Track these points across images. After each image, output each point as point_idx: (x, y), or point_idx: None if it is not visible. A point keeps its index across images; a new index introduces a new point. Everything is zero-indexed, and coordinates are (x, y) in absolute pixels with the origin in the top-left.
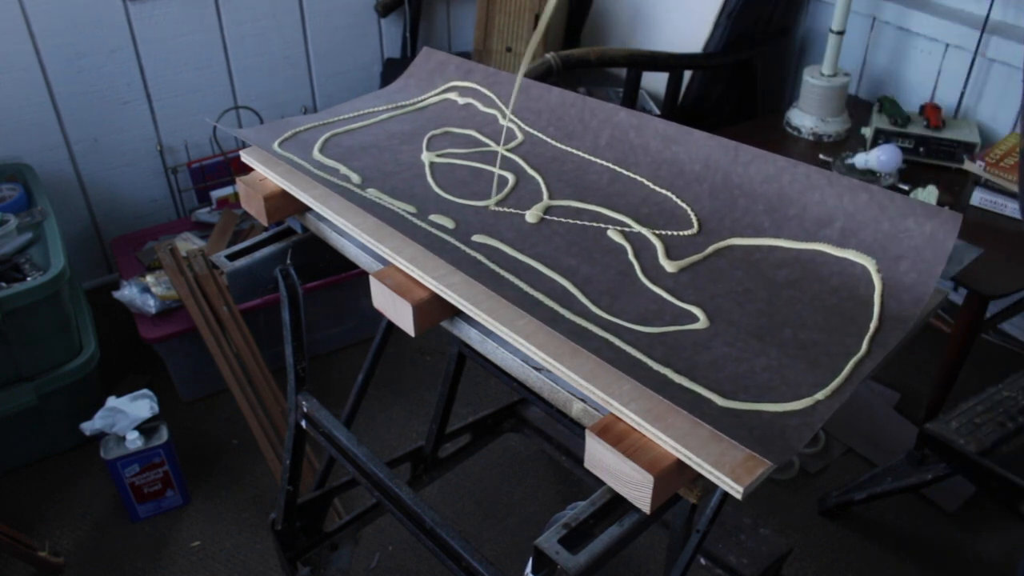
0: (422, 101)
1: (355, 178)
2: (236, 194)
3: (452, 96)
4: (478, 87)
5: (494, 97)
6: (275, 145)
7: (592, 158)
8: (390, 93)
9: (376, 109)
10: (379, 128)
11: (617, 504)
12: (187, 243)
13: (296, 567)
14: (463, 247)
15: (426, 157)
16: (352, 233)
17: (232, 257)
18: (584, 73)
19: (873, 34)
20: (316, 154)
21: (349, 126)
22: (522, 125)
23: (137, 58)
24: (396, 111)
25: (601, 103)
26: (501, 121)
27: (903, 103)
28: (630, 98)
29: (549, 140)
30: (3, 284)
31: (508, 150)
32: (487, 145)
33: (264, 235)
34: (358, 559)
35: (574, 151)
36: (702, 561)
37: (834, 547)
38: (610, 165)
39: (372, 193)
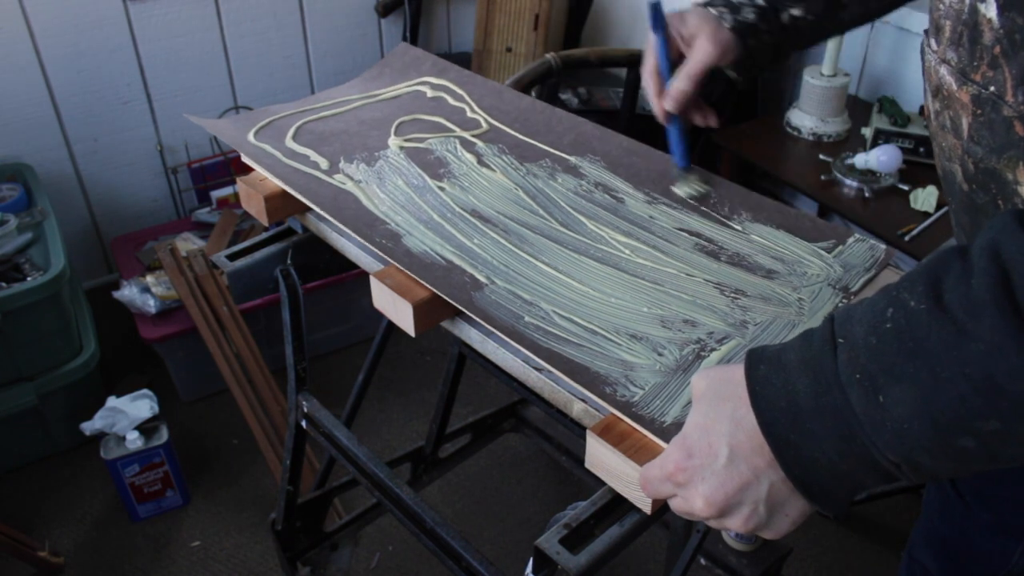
0: (395, 90)
1: (323, 164)
2: (236, 194)
3: (423, 88)
4: (449, 84)
5: (464, 95)
6: (250, 135)
7: (554, 150)
8: (364, 81)
9: (350, 97)
10: (351, 115)
11: (618, 504)
12: (187, 243)
13: (296, 567)
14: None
15: (393, 142)
16: (352, 233)
17: (232, 257)
18: (584, 73)
19: (873, 34)
20: (289, 142)
21: (322, 113)
22: (488, 118)
23: (137, 58)
24: (369, 99)
25: (569, 114)
26: (469, 114)
27: (903, 103)
28: (630, 98)
29: (513, 132)
30: (3, 284)
31: (473, 136)
32: (453, 131)
33: (264, 235)
34: (358, 559)
35: (536, 143)
36: (702, 561)
37: (834, 547)
38: (570, 158)
39: (338, 179)
